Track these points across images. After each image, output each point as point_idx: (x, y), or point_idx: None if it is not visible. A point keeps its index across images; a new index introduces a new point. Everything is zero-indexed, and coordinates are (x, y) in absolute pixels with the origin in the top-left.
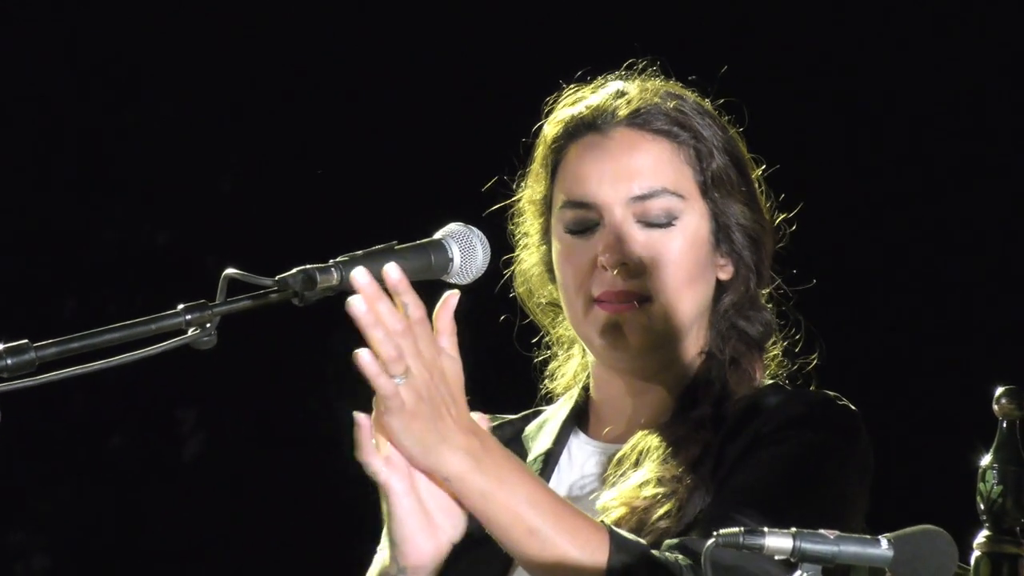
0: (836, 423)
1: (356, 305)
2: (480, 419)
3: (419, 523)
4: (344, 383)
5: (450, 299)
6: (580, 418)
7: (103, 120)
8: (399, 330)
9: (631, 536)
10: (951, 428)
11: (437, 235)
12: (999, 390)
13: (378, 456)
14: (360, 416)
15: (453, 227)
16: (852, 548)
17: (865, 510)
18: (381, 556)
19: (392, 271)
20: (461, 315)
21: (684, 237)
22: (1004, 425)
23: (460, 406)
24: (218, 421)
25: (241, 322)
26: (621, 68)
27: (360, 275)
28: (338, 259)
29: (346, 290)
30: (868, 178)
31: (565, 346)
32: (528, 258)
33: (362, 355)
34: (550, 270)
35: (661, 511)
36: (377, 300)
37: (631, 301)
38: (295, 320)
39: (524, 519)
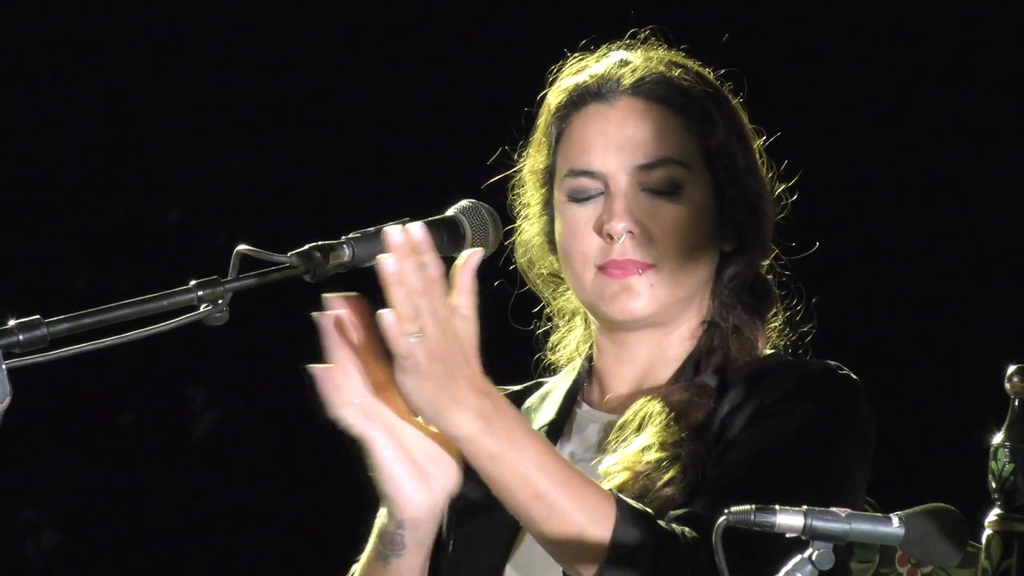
0: (838, 393)
1: (387, 263)
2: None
3: (408, 473)
4: None
5: (472, 257)
6: (583, 388)
7: (113, 97)
8: (418, 289)
9: (638, 505)
10: (963, 406)
11: (449, 211)
12: (1011, 368)
13: (350, 408)
14: (316, 369)
15: (465, 204)
16: (863, 526)
17: (868, 479)
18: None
19: (415, 230)
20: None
21: (689, 206)
22: (1016, 403)
23: (473, 366)
24: (228, 398)
25: (252, 298)
26: (624, 38)
27: (395, 233)
28: (350, 236)
29: (358, 267)
30: (881, 148)
31: (566, 317)
32: (528, 228)
33: (385, 315)
34: (550, 241)
35: (665, 477)
36: (405, 258)
37: (636, 269)
38: (306, 297)
39: (532, 482)
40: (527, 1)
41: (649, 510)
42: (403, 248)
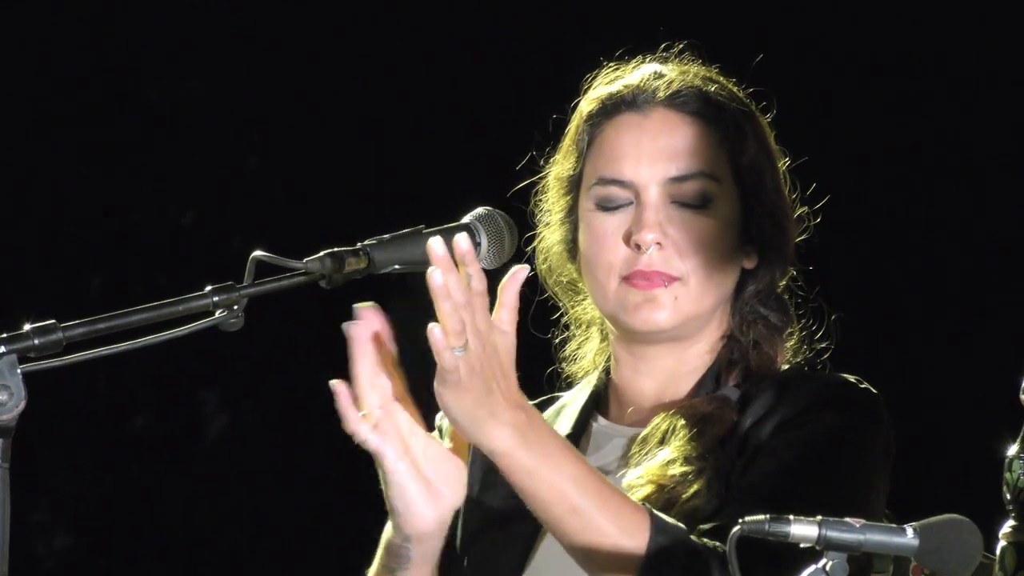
0: (857, 405)
1: (435, 276)
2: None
3: (418, 489)
4: None
5: (519, 273)
6: (600, 403)
7: (129, 98)
8: (463, 303)
9: (671, 520)
10: (977, 418)
11: (465, 219)
12: None
13: (365, 424)
14: (338, 385)
15: (481, 211)
16: (878, 536)
17: (887, 492)
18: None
19: (462, 241)
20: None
21: (717, 220)
22: None
23: (510, 381)
24: (240, 402)
25: (266, 304)
26: (657, 51)
27: (437, 245)
28: (366, 242)
29: (373, 273)
30: (895, 162)
31: (583, 327)
32: (549, 236)
33: (434, 329)
34: (569, 250)
35: (690, 491)
36: (449, 272)
37: (662, 281)
38: (319, 302)
39: (567, 497)
40: (554, 8)
41: (682, 525)
42: (447, 260)
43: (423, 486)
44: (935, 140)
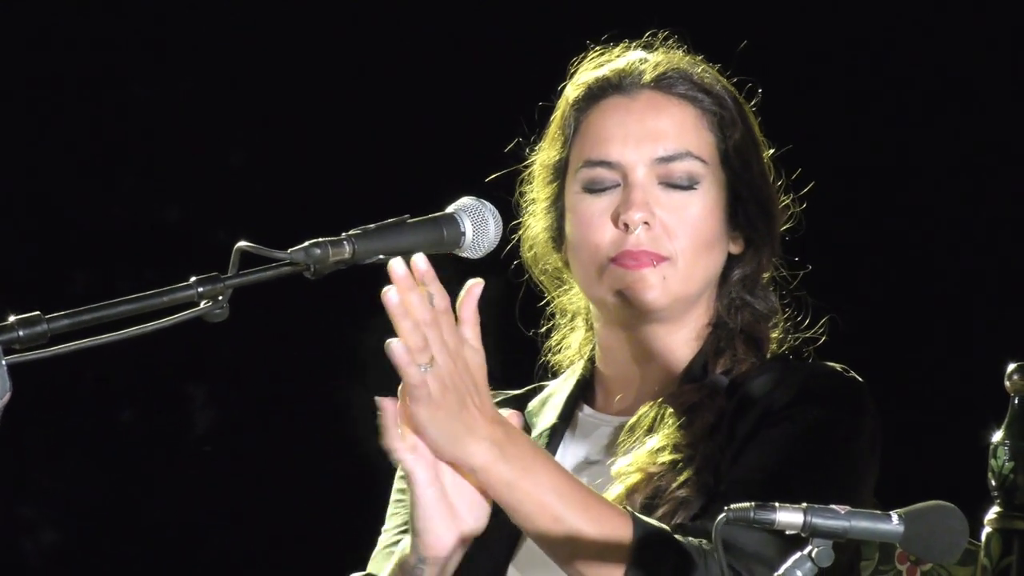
0: (844, 396)
1: (390, 296)
2: (510, 416)
3: (441, 514)
4: (356, 362)
5: (473, 289)
6: (586, 392)
7: (113, 94)
8: (426, 320)
9: (656, 523)
10: (963, 405)
11: (449, 209)
12: (1011, 367)
13: (403, 443)
14: (384, 401)
15: (465, 201)
16: (863, 523)
17: (875, 481)
18: (383, 539)
19: (420, 261)
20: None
21: (704, 202)
22: (1016, 402)
23: (484, 396)
24: (228, 396)
25: (251, 296)
26: (643, 38)
27: (398, 265)
28: (350, 232)
29: (358, 263)
30: (879, 153)
31: (568, 317)
32: (535, 224)
33: (393, 345)
34: (554, 239)
35: (680, 479)
36: (409, 290)
37: (651, 261)
38: (306, 294)
39: (549, 507)
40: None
41: (666, 527)
42: (406, 280)
43: (447, 512)
44: (917, 122)
